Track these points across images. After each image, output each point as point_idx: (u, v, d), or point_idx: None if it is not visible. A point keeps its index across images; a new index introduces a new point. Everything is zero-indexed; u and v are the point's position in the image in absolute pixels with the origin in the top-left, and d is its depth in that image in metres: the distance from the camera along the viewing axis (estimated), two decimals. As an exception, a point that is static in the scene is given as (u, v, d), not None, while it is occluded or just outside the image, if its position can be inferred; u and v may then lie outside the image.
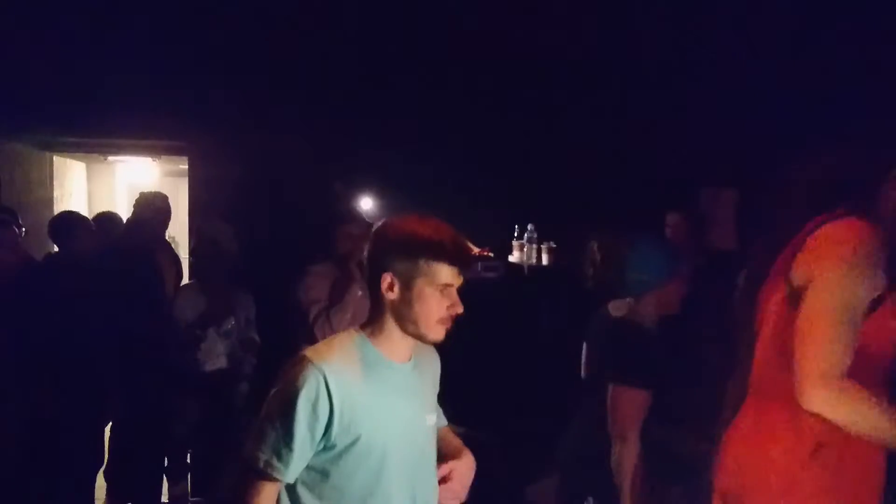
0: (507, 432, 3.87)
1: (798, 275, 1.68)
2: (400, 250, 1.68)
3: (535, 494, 3.49)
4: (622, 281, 2.56)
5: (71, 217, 4.29)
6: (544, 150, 4.69)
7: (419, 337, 1.73)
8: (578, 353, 2.85)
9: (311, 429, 1.63)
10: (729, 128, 4.19)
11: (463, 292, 1.71)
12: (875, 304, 1.61)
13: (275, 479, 1.65)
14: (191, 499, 4.32)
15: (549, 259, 4.22)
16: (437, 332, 1.72)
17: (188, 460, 4.33)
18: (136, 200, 4.49)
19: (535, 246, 4.29)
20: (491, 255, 4.33)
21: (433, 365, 1.92)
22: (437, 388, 1.93)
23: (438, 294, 1.68)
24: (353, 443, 1.66)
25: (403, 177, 4.53)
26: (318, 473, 1.69)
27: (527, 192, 4.60)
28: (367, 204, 4.78)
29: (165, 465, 4.28)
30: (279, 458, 1.63)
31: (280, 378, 1.69)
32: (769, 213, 1.90)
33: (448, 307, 1.69)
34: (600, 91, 4.69)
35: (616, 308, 2.67)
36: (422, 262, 1.66)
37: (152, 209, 4.45)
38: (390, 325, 1.72)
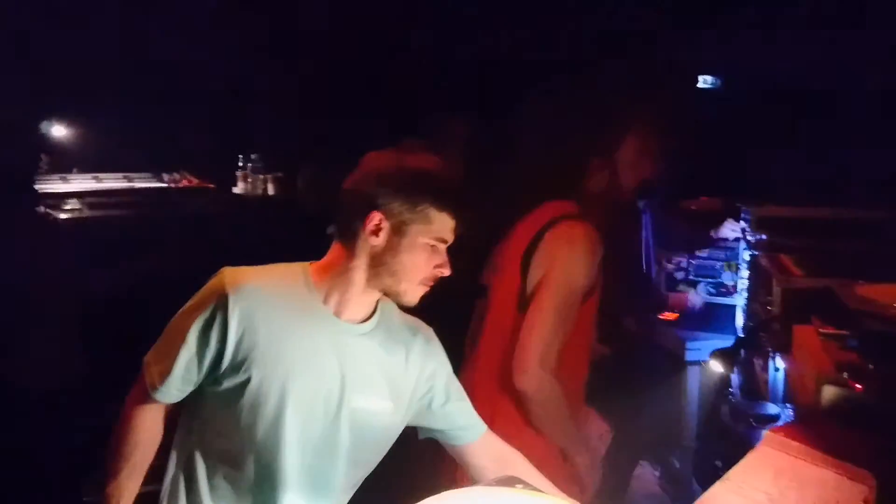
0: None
1: (533, 273, 1.83)
2: (399, 188, 1.37)
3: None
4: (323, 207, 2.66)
5: None
6: (273, 79, 4.49)
7: (393, 294, 1.43)
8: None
9: (200, 353, 1.37)
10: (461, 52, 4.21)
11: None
12: (587, 296, 1.84)
13: (155, 399, 1.41)
14: None
15: (276, 190, 4.13)
16: (415, 294, 1.42)
17: None
18: None
19: (260, 177, 4.18)
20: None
21: (418, 346, 1.50)
22: (414, 381, 1.49)
23: (430, 248, 1.40)
24: (242, 386, 1.36)
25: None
26: (216, 412, 1.41)
27: (253, 121, 4.40)
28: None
29: None
30: (161, 373, 1.39)
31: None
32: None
33: (436, 266, 1.41)
34: (336, 20, 4.55)
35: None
36: (422, 208, 1.37)
37: None
38: (356, 274, 1.41)
